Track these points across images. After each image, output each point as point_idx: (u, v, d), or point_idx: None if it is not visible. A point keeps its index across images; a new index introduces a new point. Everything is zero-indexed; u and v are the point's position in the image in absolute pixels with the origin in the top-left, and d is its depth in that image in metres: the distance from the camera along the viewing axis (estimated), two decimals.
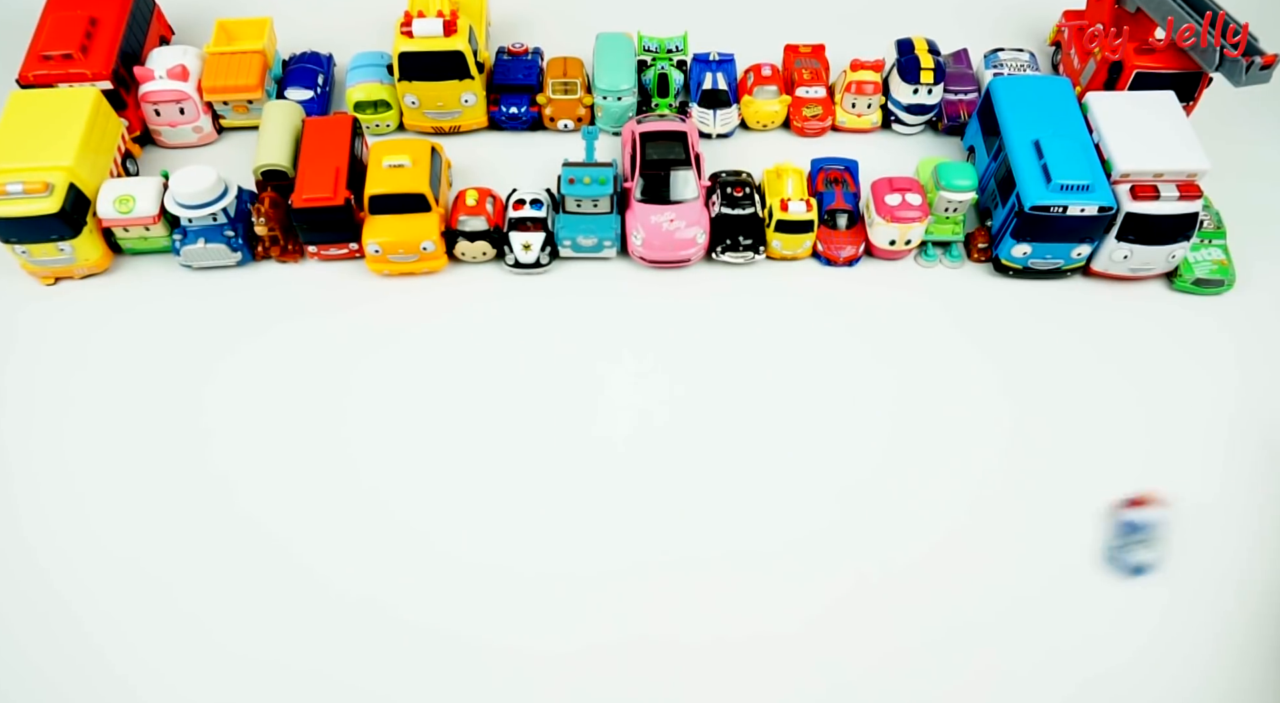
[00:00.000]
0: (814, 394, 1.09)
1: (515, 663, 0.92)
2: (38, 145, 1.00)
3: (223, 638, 1.17)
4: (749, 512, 1.06)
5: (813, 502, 1.08)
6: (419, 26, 1.06)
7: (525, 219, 1.01)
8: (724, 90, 1.12)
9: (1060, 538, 1.04)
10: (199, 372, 1.00)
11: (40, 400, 0.98)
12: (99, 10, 1.13)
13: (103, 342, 1.01)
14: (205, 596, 1.06)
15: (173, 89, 1.09)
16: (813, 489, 1.07)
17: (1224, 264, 1.05)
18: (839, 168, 1.13)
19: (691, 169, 1.05)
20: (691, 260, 1.03)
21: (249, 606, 1.15)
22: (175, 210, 0.99)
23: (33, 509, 0.92)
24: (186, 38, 1.27)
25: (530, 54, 1.17)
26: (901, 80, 1.10)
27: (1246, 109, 1.19)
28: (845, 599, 0.89)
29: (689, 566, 1.05)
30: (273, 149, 1.04)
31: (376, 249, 0.99)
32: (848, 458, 1.04)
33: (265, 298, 1.04)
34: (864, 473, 1.01)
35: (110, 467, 0.97)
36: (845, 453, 1.04)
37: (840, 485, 1.04)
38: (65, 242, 0.97)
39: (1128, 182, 1.02)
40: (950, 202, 1.05)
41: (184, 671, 1.09)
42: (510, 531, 1.15)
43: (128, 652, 1.06)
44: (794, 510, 1.08)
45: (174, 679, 1.10)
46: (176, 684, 1.12)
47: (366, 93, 1.12)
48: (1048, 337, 1.08)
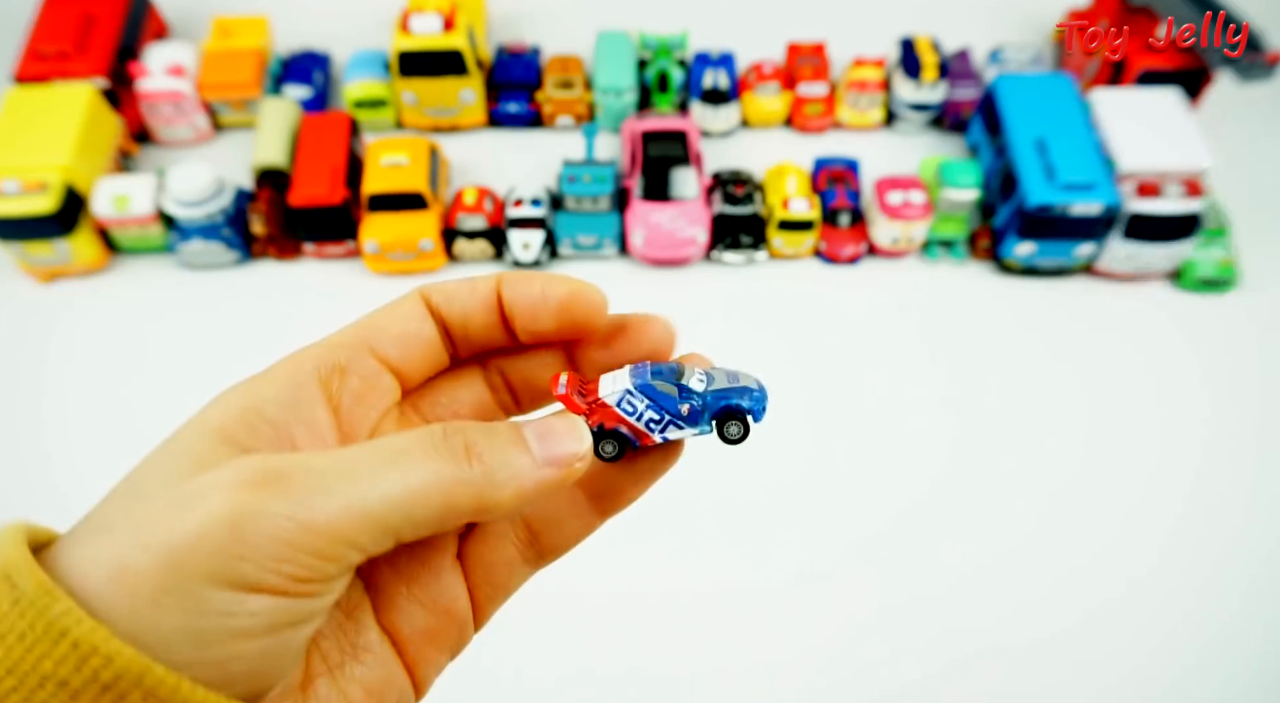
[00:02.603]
0: (815, 392, 1.09)
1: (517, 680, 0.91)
2: (33, 143, 0.99)
3: None
4: (749, 511, 1.05)
5: (814, 500, 1.08)
6: (417, 23, 1.06)
7: (525, 218, 1.01)
8: (725, 88, 1.11)
9: (1065, 542, 1.04)
10: (198, 370, 0.99)
11: (37, 399, 0.97)
12: (95, 7, 1.13)
13: (99, 340, 1.01)
14: None
15: (170, 86, 1.09)
16: (814, 488, 1.07)
17: (1229, 263, 1.04)
18: (841, 166, 1.13)
19: (692, 167, 1.05)
20: (692, 259, 1.03)
21: None
22: (172, 209, 0.98)
23: (23, 510, 0.91)
24: (183, 35, 1.27)
25: (530, 51, 1.17)
26: (904, 77, 1.10)
27: (1252, 107, 1.19)
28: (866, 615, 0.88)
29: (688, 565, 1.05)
30: (270, 147, 1.04)
31: (374, 248, 0.98)
32: (849, 457, 1.04)
33: (263, 296, 1.03)
34: (865, 473, 1.01)
35: (109, 466, 0.97)
36: (846, 452, 1.04)
37: (842, 485, 1.04)
38: (61, 240, 0.97)
39: (1132, 180, 1.02)
40: (953, 200, 1.05)
41: None
42: None
43: None
44: (794, 509, 1.08)
45: None
46: None
47: (365, 91, 1.12)
48: (1051, 335, 1.08)
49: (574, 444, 0.21)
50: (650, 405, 0.24)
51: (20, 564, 0.17)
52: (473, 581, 0.24)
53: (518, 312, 0.24)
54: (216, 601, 0.17)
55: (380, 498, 0.18)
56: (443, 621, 0.23)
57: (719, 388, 0.26)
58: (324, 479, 0.18)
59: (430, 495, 0.19)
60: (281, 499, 0.17)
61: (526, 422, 0.22)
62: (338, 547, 0.18)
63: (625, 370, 0.25)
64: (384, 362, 0.23)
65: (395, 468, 0.19)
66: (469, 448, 0.20)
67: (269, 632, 0.18)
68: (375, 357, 0.23)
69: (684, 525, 1.07)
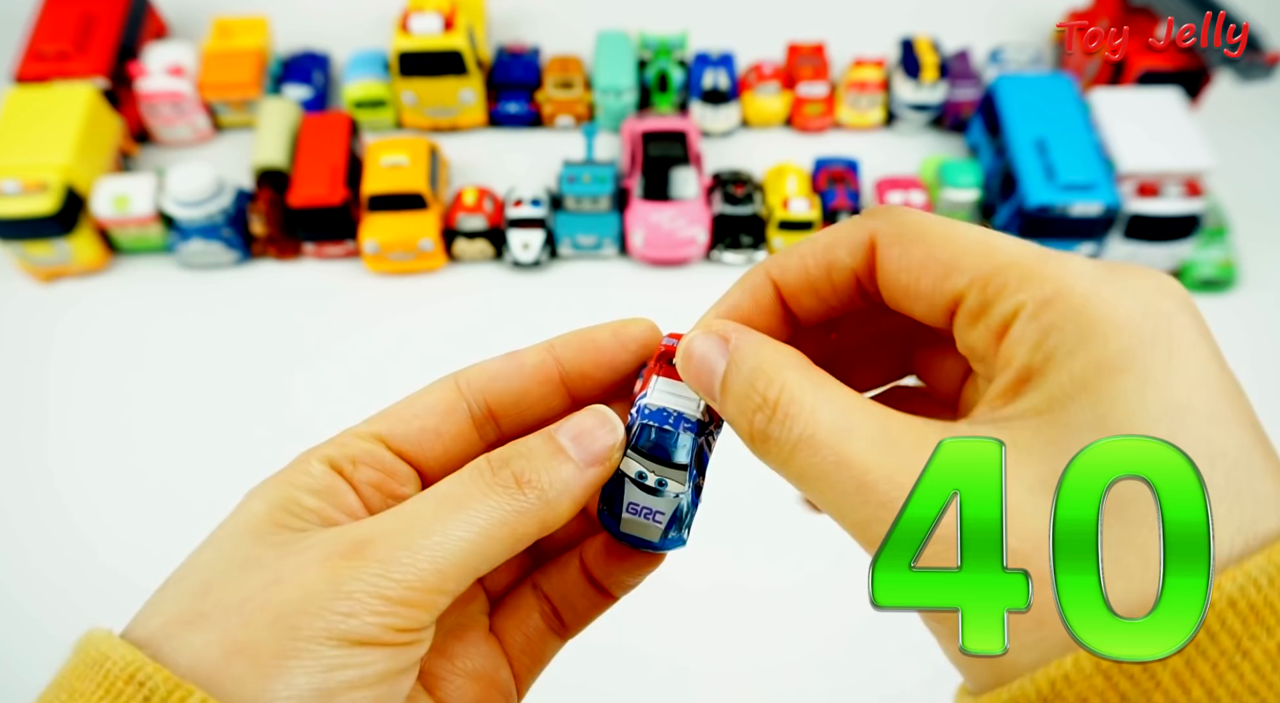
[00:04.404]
0: None
1: None
2: (33, 143, 0.99)
3: None
4: (749, 510, 1.05)
5: None
6: (417, 23, 1.06)
7: (524, 218, 1.01)
8: (725, 88, 1.11)
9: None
10: (198, 370, 0.99)
11: (36, 398, 0.97)
12: (96, 7, 1.12)
13: (99, 340, 1.01)
14: None
15: (170, 87, 1.09)
16: None
17: (1229, 264, 1.04)
18: (841, 166, 1.13)
19: (692, 167, 1.05)
20: (692, 259, 1.03)
21: None
22: (172, 209, 0.98)
23: (23, 511, 0.91)
24: (183, 35, 1.27)
25: (530, 51, 1.17)
26: (904, 77, 1.10)
27: (1252, 107, 1.19)
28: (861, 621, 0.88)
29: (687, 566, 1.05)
30: (270, 147, 1.04)
31: (374, 248, 0.98)
32: None
33: (263, 296, 1.04)
34: None
35: (108, 466, 0.97)
36: None
37: None
38: (61, 240, 0.97)
39: (1132, 180, 1.02)
40: (953, 200, 1.05)
41: None
42: None
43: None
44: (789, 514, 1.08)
45: None
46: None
47: (364, 91, 1.12)
48: None
49: (608, 437, 0.22)
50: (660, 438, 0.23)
51: (141, 664, 0.18)
52: (509, 653, 0.25)
53: (585, 374, 0.25)
54: (335, 657, 0.18)
55: (457, 545, 0.20)
56: (489, 691, 0.24)
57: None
58: (405, 538, 0.20)
59: (498, 532, 0.21)
60: (372, 562, 0.19)
61: (557, 426, 0.23)
62: (430, 596, 0.20)
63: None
64: (400, 454, 0.24)
65: (462, 515, 0.20)
66: (518, 478, 0.21)
67: (381, 681, 0.19)
68: (391, 451, 0.24)
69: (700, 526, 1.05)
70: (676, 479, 0.23)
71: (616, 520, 0.24)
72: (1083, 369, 0.17)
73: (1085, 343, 0.17)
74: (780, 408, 0.19)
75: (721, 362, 0.21)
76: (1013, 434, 0.18)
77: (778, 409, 0.19)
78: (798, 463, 0.19)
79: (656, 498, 0.23)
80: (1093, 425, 0.17)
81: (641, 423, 0.23)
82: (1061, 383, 0.17)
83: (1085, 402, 0.17)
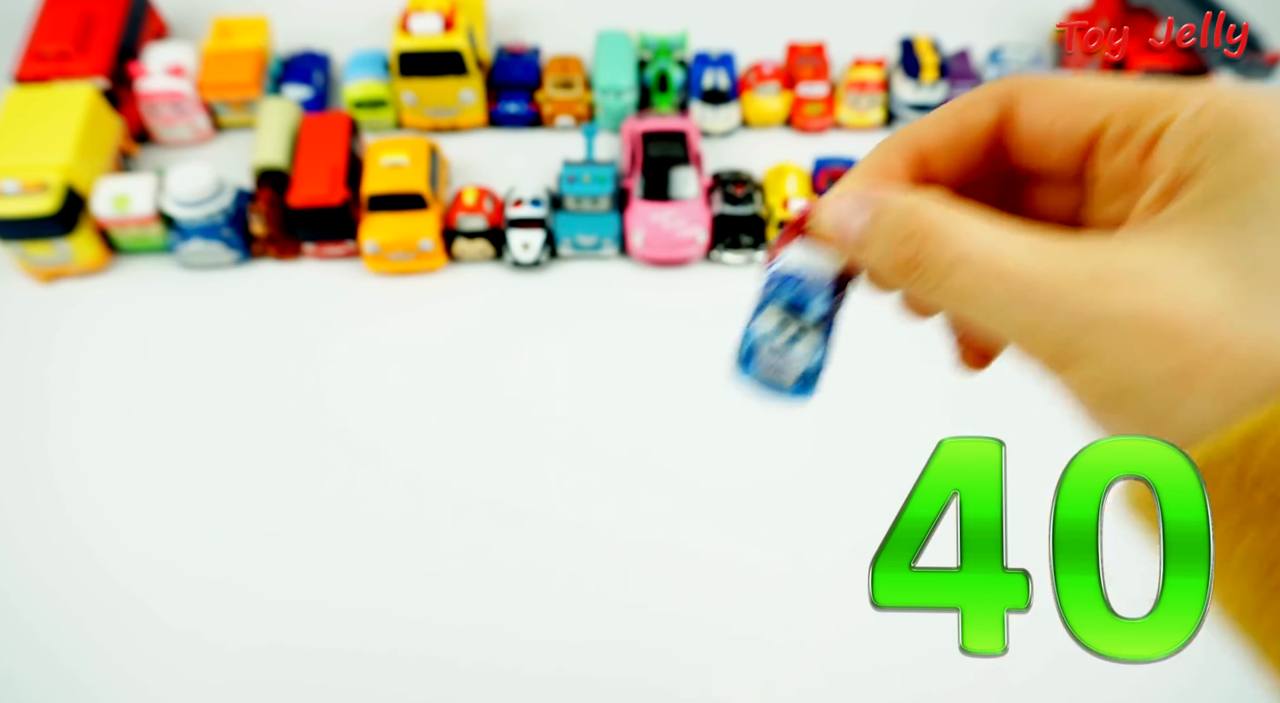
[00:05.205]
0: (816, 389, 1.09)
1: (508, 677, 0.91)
2: (33, 143, 0.99)
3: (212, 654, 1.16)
4: (749, 510, 1.05)
5: (814, 499, 1.08)
6: (417, 24, 1.06)
7: (524, 218, 1.01)
8: (725, 88, 1.11)
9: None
10: (198, 370, 0.99)
11: (37, 398, 0.97)
12: (95, 7, 1.12)
13: (99, 340, 1.01)
14: (205, 600, 1.06)
15: (170, 87, 1.09)
16: (815, 487, 1.06)
17: None
18: (841, 166, 1.13)
19: (692, 167, 1.05)
20: (692, 259, 1.03)
21: (248, 609, 1.14)
22: (172, 209, 0.98)
23: (23, 512, 0.91)
24: (183, 36, 1.27)
25: (530, 51, 1.17)
26: (904, 77, 1.10)
27: None
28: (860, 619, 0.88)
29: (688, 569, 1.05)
30: (270, 147, 1.03)
31: (374, 248, 0.98)
32: (849, 456, 1.03)
33: (263, 296, 1.03)
34: (867, 473, 1.01)
35: (108, 466, 0.97)
36: (847, 451, 1.03)
37: (842, 485, 1.03)
38: (61, 240, 0.97)
39: None
40: None
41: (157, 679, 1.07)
42: (505, 532, 1.14)
43: (109, 665, 1.04)
44: (794, 509, 1.08)
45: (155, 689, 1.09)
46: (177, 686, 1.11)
47: (364, 91, 1.12)
48: None
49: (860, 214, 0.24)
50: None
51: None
52: None
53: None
54: None
55: None
56: None
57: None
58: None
59: None
60: None
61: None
62: None
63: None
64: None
65: None
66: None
67: None
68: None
69: (686, 527, 1.07)
70: (810, 333, 0.27)
71: (751, 367, 0.27)
72: (1241, 163, 0.17)
73: (1242, 140, 0.18)
74: (934, 234, 0.20)
75: (862, 213, 0.22)
76: (1172, 232, 0.18)
77: (931, 235, 0.20)
78: (954, 281, 0.20)
79: (790, 348, 0.27)
80: (1257, 212, 0.17)
81: (780, 278, 0.26)
82: (1221, 178, 0.18)
83: (1248, 193, 0.17)
